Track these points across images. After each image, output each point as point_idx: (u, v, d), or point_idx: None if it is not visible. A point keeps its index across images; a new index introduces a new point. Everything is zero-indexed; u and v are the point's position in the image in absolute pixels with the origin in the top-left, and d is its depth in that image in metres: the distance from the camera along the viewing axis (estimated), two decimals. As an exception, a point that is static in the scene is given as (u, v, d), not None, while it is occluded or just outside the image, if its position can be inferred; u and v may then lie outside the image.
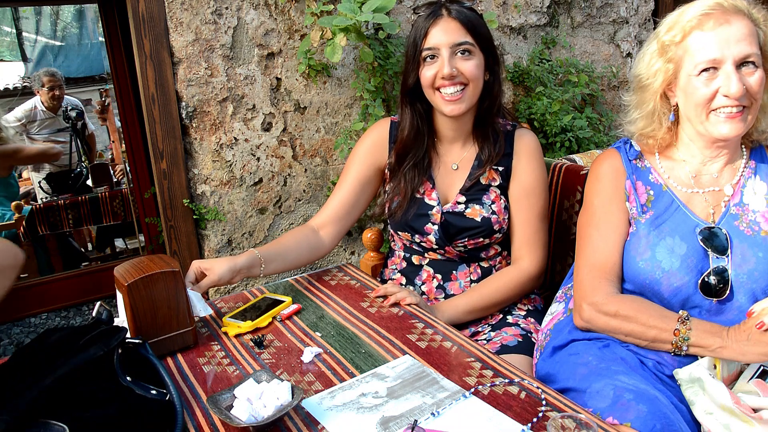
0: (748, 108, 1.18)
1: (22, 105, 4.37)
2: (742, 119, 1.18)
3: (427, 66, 1.44)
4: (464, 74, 1.42)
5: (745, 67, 1.15)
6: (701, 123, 1.21)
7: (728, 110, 1.17)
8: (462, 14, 1.43)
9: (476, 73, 1.43)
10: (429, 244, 1.56)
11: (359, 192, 1.59)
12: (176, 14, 2.15)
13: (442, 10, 1.43)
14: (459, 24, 1.42)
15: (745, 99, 1.16)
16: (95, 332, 0.97)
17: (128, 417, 0.90)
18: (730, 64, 1.15)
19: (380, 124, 1.63)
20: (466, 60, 1.42)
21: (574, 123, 2.75)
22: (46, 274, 3.97)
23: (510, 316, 1.59)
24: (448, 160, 1.57)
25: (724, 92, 1.15)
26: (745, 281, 1.19)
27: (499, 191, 1.53)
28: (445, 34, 1.41)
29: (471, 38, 1.42)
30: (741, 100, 1.15)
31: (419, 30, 1.44)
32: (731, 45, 1.14)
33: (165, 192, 2.25)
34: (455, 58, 1.42)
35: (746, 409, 1.07)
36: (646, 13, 3.28)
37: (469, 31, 1.42)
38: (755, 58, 1.15)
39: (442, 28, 1.42)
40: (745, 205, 1.25)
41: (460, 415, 0.97)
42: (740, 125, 1.18)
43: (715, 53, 1.15)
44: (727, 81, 1.15)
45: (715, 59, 1.16)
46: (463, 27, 1.42)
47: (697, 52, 1.17)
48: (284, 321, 1.32)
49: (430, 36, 1.42)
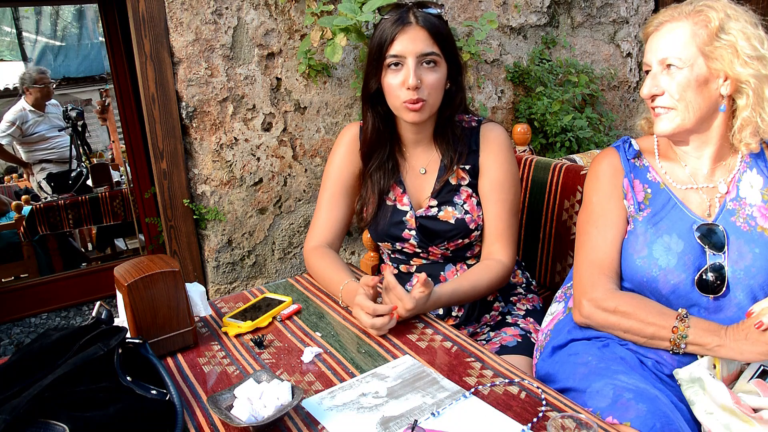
0: (673, 109, 1.23)
1: (10, 109, 4.38)
2: (666, 118, 1.24)
3: (391, 73, 1.41)
4: (427, 87, 1.39)
5: (667, 69, 1.22)
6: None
7: (655, 109, 1.26)
8: (430, 22, 1.40)
9: (438, 86, 1.42)
10: (411, 249, 1.55)
11: (343, 204, 1.56)
12: (176, 14, 2.15)
13: (410, 17, 1.39)
14: (427, 33, 1.39)
15: (666, 100, 1.23)
16: (95, 332, 0.97)
17: (128, 417, 0.90)
18: (654, 68, 1.24)
19: (348, 129, 1.60)
20: (431, 71, 1.39)
21: (574, 123, 2.75)
22: (46, 274, 3.97)
23: (509, 316, 1.59)
24: (416, 164, 1.56)
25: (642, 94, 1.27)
26: (742, 278, 1.19)
27: (470, 189, 1.52)
28: (412, 43, 1.38)
29: (437, 48, 1.39)
30: (659, 101, 1.24)
31: (385, 35, 1.40)
32: (656, 50, 1.23)
33: (165, 192, 2.25)
34: (420, 68, 1.39)
35: (746, 409, 1.07)
36: (647, 13, 3.28)
37: (437, 42, 1.39)
38: (674, 61, 1.20)
39: (410, 36, 1.38)
40: (741, 199, 1.25)
41: (460, 415, 0.97)
42: (665, 123, 1.24)
43: (645, 58, 1.27)
44: (646, 82, 1.26)
45: (645, 63, 1.27)
46: (431, 36, 1.39)
47: (644, 55, 1.30)
48: (284, 321, 1.32)
49: (396, 43, 1.38)
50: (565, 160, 1.94)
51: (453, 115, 1.50)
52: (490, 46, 2.82)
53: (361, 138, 1.56)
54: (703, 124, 1.24)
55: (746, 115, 1.20)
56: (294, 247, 2.56)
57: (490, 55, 2.84)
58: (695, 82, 1.19)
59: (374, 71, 1.44)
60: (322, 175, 1.62)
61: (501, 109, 2.93)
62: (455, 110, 1.50)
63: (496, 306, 1.59)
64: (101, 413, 0.88)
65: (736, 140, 1.24)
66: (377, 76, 1.44)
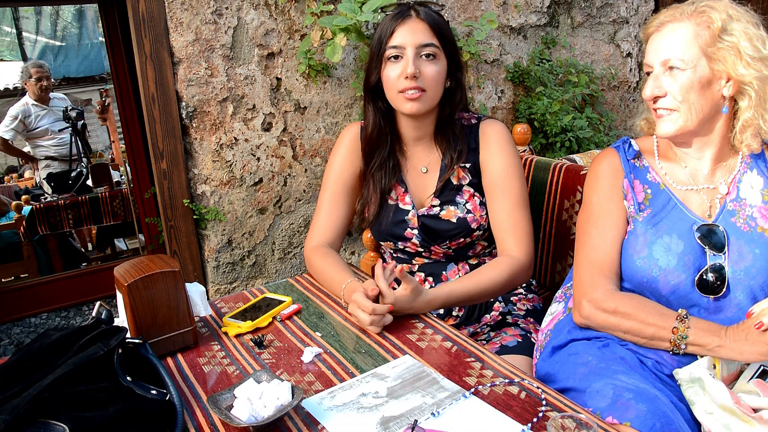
0: (676, 111, 1.22)
1: (13, 105, 4.38)
2: (671, 120, 1.23)
3: (390, 65, 1.42)
4: (426, 79, 1.40)
5: (669, 71, 1.21)
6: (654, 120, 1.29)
7: (657, 110, 1.25)
8: (430, 17, 1.42)
9: (437, 79, 1.42)
10: (414, 249, 1.55)
11: (344, 204, 1.57)
12: (176, 14, 2.15)
13: (410, 11, 1.42)
14: (426, 26, 1.40)
15: (668, 102, 1.22)
16: (95, 332, 0.97)
17: (128, 417, 0.90)
18: (656, 69, 1.23)
19: (349, 130, 1.60)
20: (430, 63, 1.40)
21: (574, 123, 2.75)
22: (46, 274, 3.97)
23: (509, 315, 1.59)
24: (417, 163, 1.56)
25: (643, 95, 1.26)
26: (742, 278, 1.19)
27: (472, 189, 1.52)
28: (411, 34, 1.39)
29: (437, 41, 1.41)
30: (660, 103, 1.23)
31: (385, 28, 1.42)
32: (658, 51, 1.22)
33: (165, 192, 2.25)
34: (420, 59, 1.40)
35: (746, 409, 1.07)
36: (647, 13, 3.28)
37: (436, 35, 1.41)
38: (676, 62, 1.19)
39: (410, 27, 1.40)
40: (741, 200, 1.25)
41: (460, 415, 0.97)
42: (668, 125, 1.24)
43: (646, 59, 1.26)
44: (648, 84, 1.24)
45: (647, 64, 1.25)
46: (431, 29, 1.40)
47: (645, 56, 1.29)
48: (284, 321, 1.32)
49: (396, 35, 1.40)
50: (565, 160, 1.94)
51: (453, 113, 1.50)
52: (490, 46, 2.82)
53: (362, 136, 1.56)
54: (706, 125, 1.24)
55: (748, 116, 1.20)
56: (294, 247, 2.56)
57: (490, 55, 2.84)
58: (698, 83, 1.19)
59: (375, 65, 1.45)
60: (323, 175, 1.62)
61: (501, 109, 2.93)
62: (455, 108, 1.50)
63: (496, 306, 1.59)
64: (101, 413, 0.88)
65: (737, 141, 1.24)
66: (378, 68, 1.45)
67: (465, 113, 1.55)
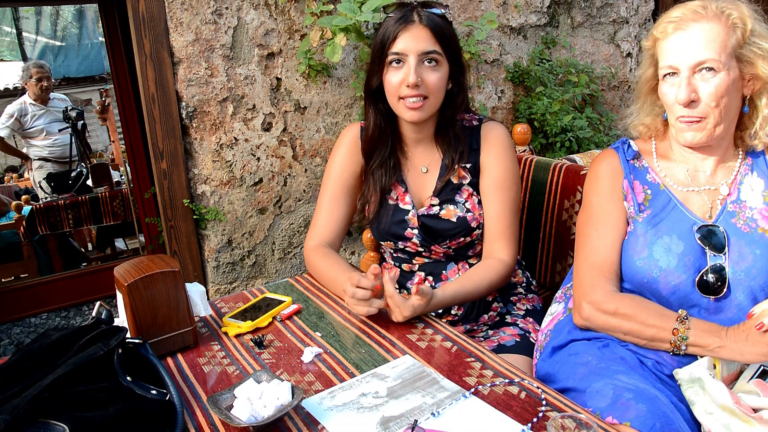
0: (705, 118, 1.18)
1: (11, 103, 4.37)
2: (700, 128, 1.19)
3: (392, 71, 1.41)
4: (428, 86, 1.39)
5: (699, 74, 1.16)
6: (673, 127, 1.25)
7: (686, 119, 1.19)
8: (433, 22, 1.40)
9: (439, 86, 1.42)
10: (414, 248, 1.55)
11: (344, 204, 1.57)
12: (176, 14, 2.16)
13: (414, 16, 1.40)
14: (429, 32, 1.39)
15: (701, 109, 1.17)
16: (95, 332, 0.97)
17: (128, 417, 0.90)
18: (685, 71, 1.17)
19: (349, 130, 1.60)
20: (432, 70, 1.40)
21: (574, 123, 2.75)
22: (46, 274, 3.97)
23: (509, 315, 1.59)
24: (417, 163, 1.56)
25: (677, 100, 1.18)
26: (742, 278, 1.19)
27: (471, 188, 1.52)
28: (414, 41, 1.38)
29: (439, 47, 1.40)
30: (695, 110, 1.17)
31: (388, 32, 1.41)
32: (688, 53, 1.16)
33: (165, 192, 2.25)
34: (422, 66, 1.39)
35: (746, 409, 1.07)
36: (647, 13, 3.28)
37: (439, 41, 1.40)
38: (712, 64, 1.14)
39: (413, 34, 1.39)
40: (742, 202, 1.25)
41: (460, 415, 0.97)
42: (700, 134, 1.19)
43: (671, 60, 1.19)
44: (678, 89, 1.17)
45: (671, 65, 1.19)
46: (434, 35, 1.39)
47: (661, 58, 1.22)
48: (284, 321, 1.32)
49: (399, 41, 1.39)
50: (565, 160, 1.94)
51: (454, 115, 1.51)
52: (490, 46, 2.82)
53: (362, 136, 1.56)
54: (729, 128, 1.23)
55: (767, 113, 1.21)
56: (294, 247, 2.56)
57: (490, 55, 2.84)
58: (732, 86, 1.17)
59: (376, 68, 1.45)
60: (323, 175, 1.62)
61: (501, 109, 2.93)
62: (457, 110, 1.50)
63: (494, 306, 1.59)
64: (101, 413, 0.88)
65: (756, 139, 1.24)
66: (379, 72, 1.44)
67: (466, 114, 1.55)
